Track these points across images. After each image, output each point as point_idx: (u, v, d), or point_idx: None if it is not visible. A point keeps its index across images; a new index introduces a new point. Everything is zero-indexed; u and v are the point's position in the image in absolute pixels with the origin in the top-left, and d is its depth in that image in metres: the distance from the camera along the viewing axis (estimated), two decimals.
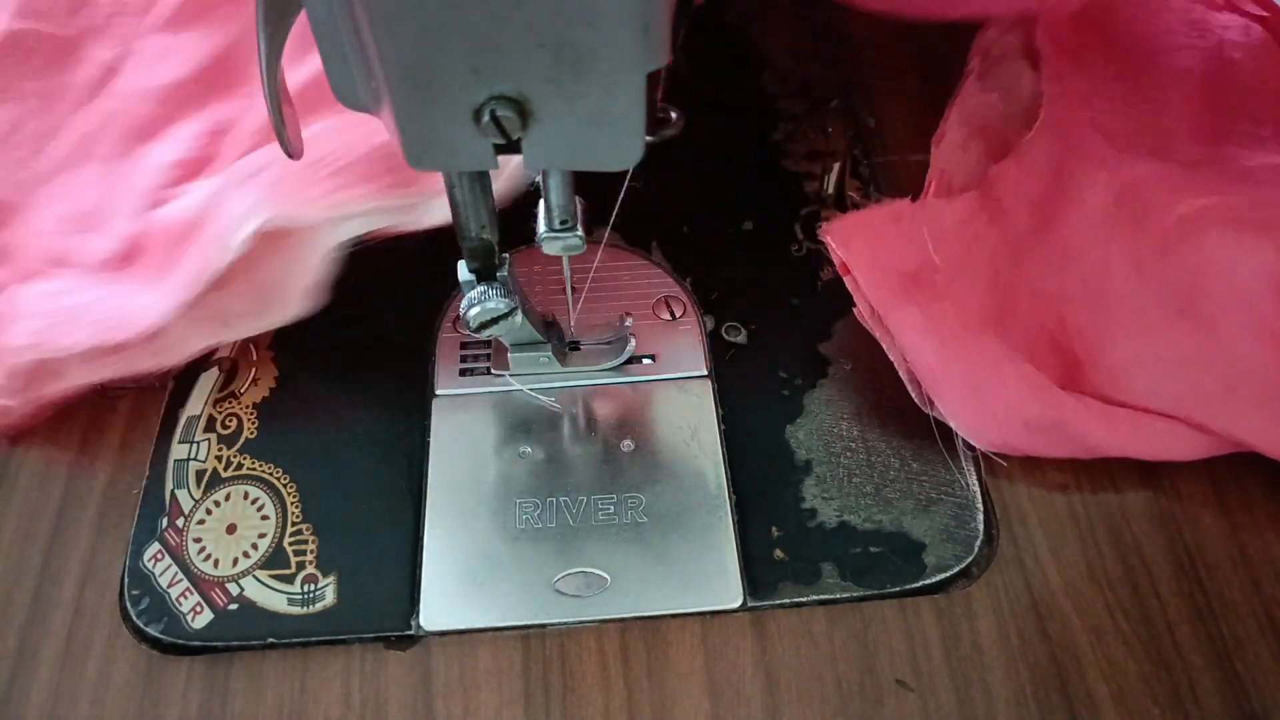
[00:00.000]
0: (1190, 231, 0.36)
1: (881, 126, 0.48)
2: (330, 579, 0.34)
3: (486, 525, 0.35)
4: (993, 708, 0.32)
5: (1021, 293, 0.38)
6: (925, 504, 0.35)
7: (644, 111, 0.23)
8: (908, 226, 0.39)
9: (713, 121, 0.48)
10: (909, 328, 0.36)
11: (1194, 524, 0.35)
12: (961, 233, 0.40)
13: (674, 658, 0.33)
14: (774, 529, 0.35)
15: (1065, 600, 0.34)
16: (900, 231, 0.39)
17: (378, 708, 0.32)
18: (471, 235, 0.30)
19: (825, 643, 0.33)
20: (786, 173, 0.46)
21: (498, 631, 0.33)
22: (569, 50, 0.21)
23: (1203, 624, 0.33)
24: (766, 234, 0.44)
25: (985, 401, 0.35)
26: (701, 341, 0.40)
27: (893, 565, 0.34)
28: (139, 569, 0.34)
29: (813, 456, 0.37)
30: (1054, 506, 0.36)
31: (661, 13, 0.21)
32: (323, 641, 0.33)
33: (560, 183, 0.29)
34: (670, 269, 0.42)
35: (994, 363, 0.35)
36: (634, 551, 0.34)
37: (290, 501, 0.36)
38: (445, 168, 0.27)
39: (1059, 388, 0.35)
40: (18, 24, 0.40)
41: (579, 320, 0.40)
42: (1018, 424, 0.35)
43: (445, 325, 0.40)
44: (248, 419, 0.38)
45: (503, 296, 0.32)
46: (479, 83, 0.22)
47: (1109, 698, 0.32)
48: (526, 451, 0.37)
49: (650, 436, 0.37)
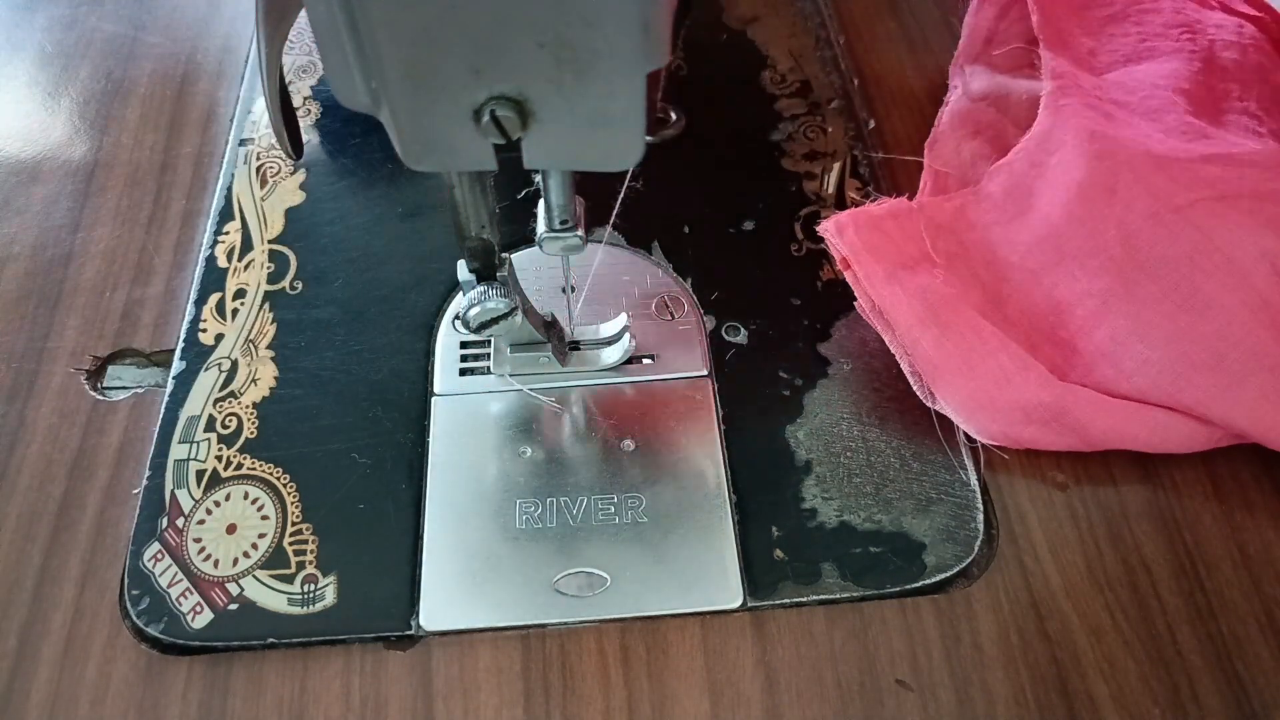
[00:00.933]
0: (1181, 210, 0.36)
1: (881, 126, 0.48)
2: (330, 579, 0.34)
3: (486, 525, 0.35)
4: (993, 708, 0.32)
5: (1017, 281, 0.39)
6: (925, 504, 0.35)
7: (644, 111, 0.23)
8: (905, 222, 0.39)
9: (713, 121, 0.48)
10: (908, 320, 0.36)
11: (1194, 524, 0.35)
12: (958, 228, 0.40)
13: (674, 658, 0.33)
14: (774, 529, 0.35)
15: (1065, 600, 0.34)
16: (898, 226, 0.39)
17: (378, 708, 0.32)
18: (471, 235, 0.30)
19: (825, 643, 0.33)
20: (786, 173, 0.46)
21: (498, 631, 0.33)
22: (569, 50, 0.21)
23: (1203, 624, 0.33)
24: (766, 234, 0.44)
25: (984, 392, 0.35)
26: (701, 341, 0.40)
27: (893, 565, 0.34)
28: (139, 569, 0.34)
29: (813, 456, 0.37)
30: (1054, 506, 0.36)
31: (661, 13, 0.21)
32: (323, 641, 0.33)
33: (560, 183, 0.29)
34: (670, 269, 0.42)
35: (992, 353, 0.36)
36: (634, 551, 0.34)
37: (290, 501, 0.36)
38: (445, 168, 0.27)
39: (1056, 377, 0.35)
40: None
41: (579, 320, 0.40)
42: (1017, 414, 0.35)
43: (445, 325, 0.41)
44: (248, 419, 0.38)
45: (503, 296, 0.32)
46: (479, 83, 0.22)
47: (1109, 698, 0.32)
48: (526, 451, 0.37)
49: (650, 436, 0.37)
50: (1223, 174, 0.37)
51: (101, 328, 0.41)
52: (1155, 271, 0.36)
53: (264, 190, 0.46)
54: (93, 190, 0.46)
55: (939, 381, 0.36)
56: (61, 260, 0.43)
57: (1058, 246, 0.38)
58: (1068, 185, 0.38)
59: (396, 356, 0.40)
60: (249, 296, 0.42)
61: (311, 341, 0.40)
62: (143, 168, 0.47)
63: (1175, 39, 0.45)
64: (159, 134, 0.49)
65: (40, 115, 0.50)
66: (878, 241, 0.38)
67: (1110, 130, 0.39)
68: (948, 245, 0.39)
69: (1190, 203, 0.36)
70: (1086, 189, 0.38)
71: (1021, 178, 0.39)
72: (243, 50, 0.53)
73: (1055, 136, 0.39)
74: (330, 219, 0.44)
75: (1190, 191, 0.36)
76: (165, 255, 0.44)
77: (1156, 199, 0.36)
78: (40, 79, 0.52)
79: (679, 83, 0.50)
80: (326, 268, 0.43)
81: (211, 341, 0.40)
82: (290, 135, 0.30)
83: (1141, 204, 0.36)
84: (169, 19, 0.55)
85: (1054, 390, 0.35)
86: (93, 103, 0.50)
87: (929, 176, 0.43)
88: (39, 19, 0.55)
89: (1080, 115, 0.40)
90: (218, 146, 0.48)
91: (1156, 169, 0.37)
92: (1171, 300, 0.35)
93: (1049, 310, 0.38)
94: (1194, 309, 0.35)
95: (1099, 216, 0.37)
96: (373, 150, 0.47)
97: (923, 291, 0.37)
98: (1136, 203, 0.37)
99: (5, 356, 0.40)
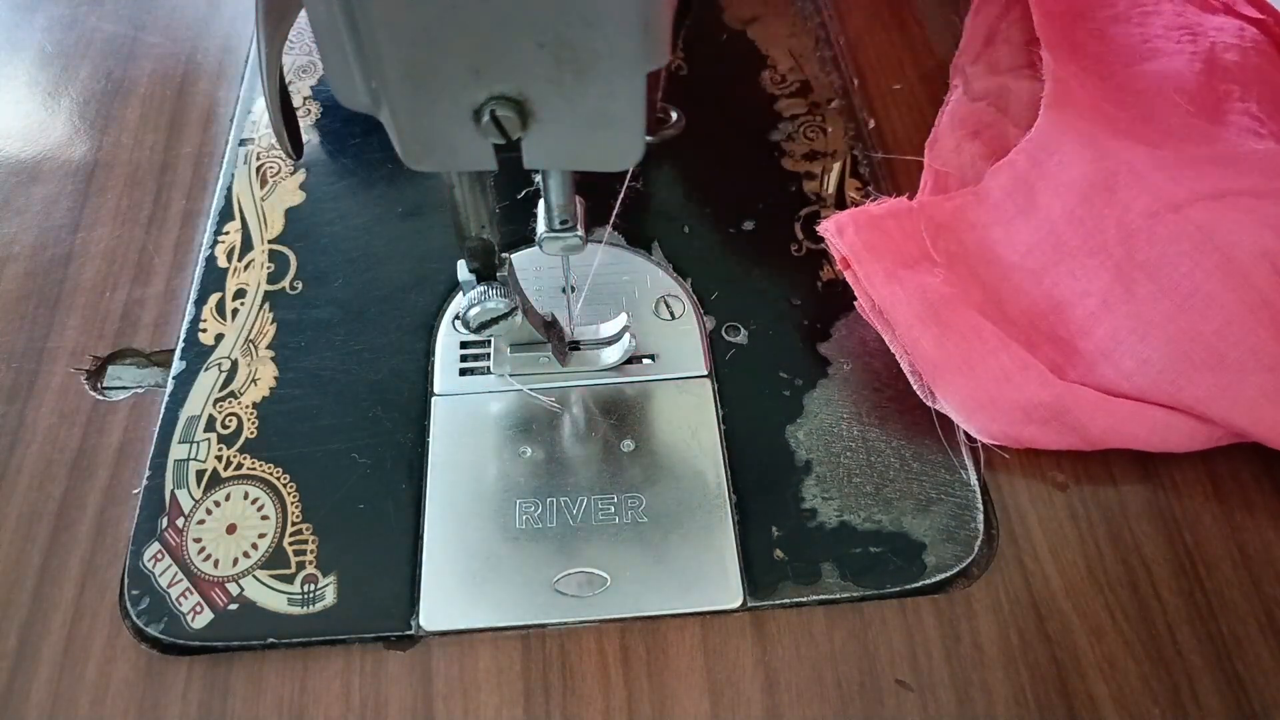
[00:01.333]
0: (1181, 209, 0.36)
1: (881, 127, 0.48)
2: (330, 579, 0.34)
3: (486, 525, 0.35)
4: (993, 708, 0.32)
5: (1017, 280, 0.39)
6: (925, 504, 0.35)
7: (644, 111, 0.23)
8: (905, 221, 0.39)
9: (713, 121, 0.48)
10: (908, 319, 0.36)
11: (1194, 524, 0.35)
12: (958, 227, 0.40)
13: (674, 658, 0.33)
14: (774, 529, 0.35)
15: (1065, 600, 0.34)
16: (898, 225, 0.39)
17: (378, 708, 0.32)
18: (471, 235, 0.30)
19: (825, 643, 0.33)
20: (786, 173, 0.46)
21: (498, 631, 0.33)
22: (569, 50, 0.21)
23: (1203, 624, 0.33)
24: (766, 234, 0.44)
25: (984, 391, 0.35)
26: (702, 341, 0.40)
27: (893, 565, 0.34)
28: (139, 569, 0.34)
29: (813, 456, 0.37)
30: (1054, 506, 0.36)
31: (661, 13, 0.21)
32: (323, 641, 0.33)
33: (560, 183, 0.29)
34: (670, 269, 0.42)
35: (992, 352, 0.36)
36: (634, 551, 0.34)
37: (290, 501, 0.36)
38: (445, 168, 0.27)
39: (1057, 377, 0.35)
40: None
41: (579, 320, 0.40)
42: (1017, 413, 0.35)
43: (445, 325, 0.41)
44: (248, 419, 0.38)
45: (503, 296, 0.32)
46: (479, 83, 0.22)
47: (1109, 698, 0.32)
48: (526, 451, 0.37)
49: (650, 436, 0.37)
50: (1223, 174, 0.37)
51: (101, 328, 0.41)
52: (1155, 271, 0.36)
53: (264, 190, 0.46)
54: (93, 190, 0.46)
55: (939, 381, 0.36)
56: (61, 260, 0.43)
57: (1058, 246, 0.38)
58: (1068, 185, 0.38)
59: (396, 356, 0.40)
60: (249, 296, 0.42)
61: (311, 341, 0.40)
62: (143, 168, 0.47)
63: (1176, 40, 0.45)
64: (159, 134, 0.49)
65: (40, 115, 0.50)
66: (878, 241, 0.38)
67: (1110, 130, 0.39)
68: (948, 244, 0.39)
69: (1190, 202, 0.36)
70: (1086, 189, 0.38)
71: (1022, 178, 0.39)
72: (243, 50, 0.53)
73: (1055, 137, 0.39)
74: (330, 219, 0.44)
75: (1190, 191, 0.36)
76: (165, 255, 0.44)
77: (1156, 198, 0.36)
78: (40, 79, 0.52)
79: (679, 83, 0.50)
80: (326, 268, 0.43)
81: (211, 341, 0.40)
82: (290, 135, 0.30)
83: (1141, 203, 0.36)
84: (169, 19, 0.55)
85: (1054, 389, 0.35)
86: (93, 103, 0.50)
87: (929, 176, 0.43)
88: (39, 19, 0.55)
89: (1081, 116, 0.40)
90: (218, 146, 0.48)
91: (1156, 168, 0.37)
92: (1171, 299, 0.35)
93: (1049, 309, 0.38)
94: (1194, 308, 0.35)
95: (1099, 216, 0.37)
96: (373, 150, 0.47)
97: (923, 291, 0.37)
98: (1136, 202, 0.37)
99: (5, 356, 0.40)
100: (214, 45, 0.53)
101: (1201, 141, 0.40)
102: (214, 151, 0.48)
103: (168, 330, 0.41)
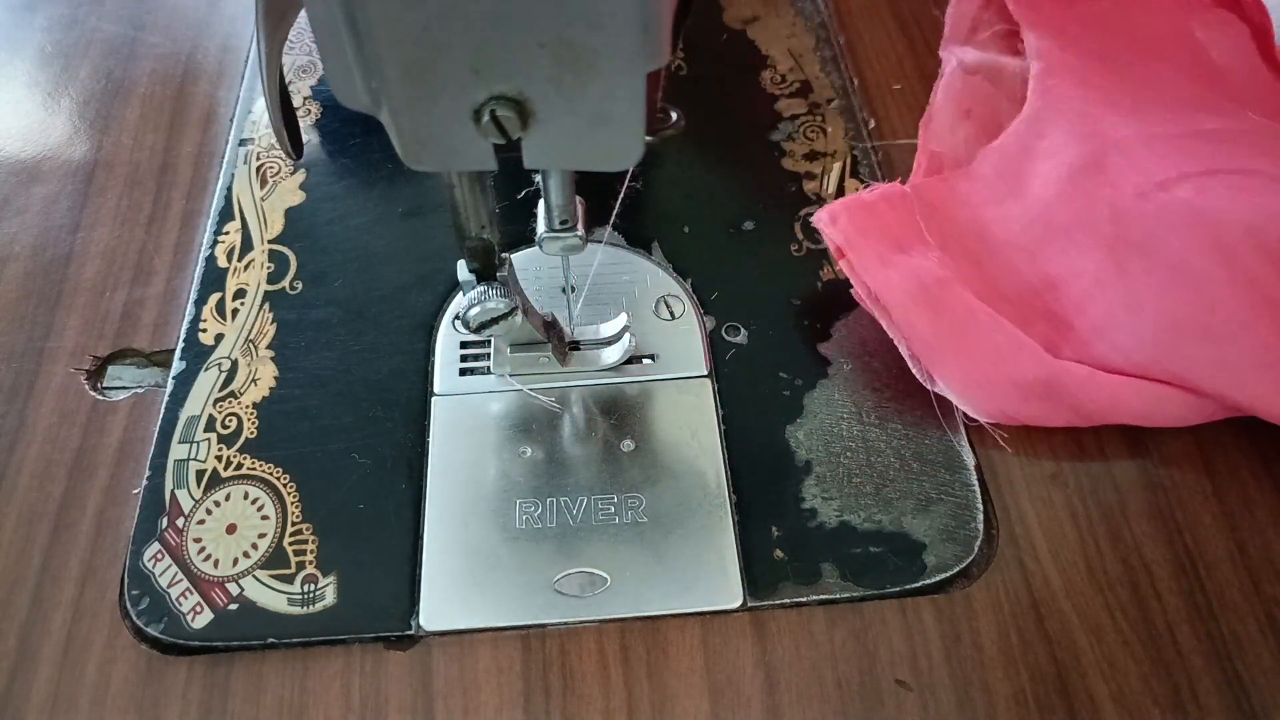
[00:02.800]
0: (1168, 187, 0.36)
1: (881, 126, 0.48)
2: (330, 579, 0.34)
3: (486, 525, 0.35)
4: (993, 708, 0.32)
5: (1010, 259, 0.39)
6: (925, 504, 0.35)
7: (644, 111, 0.23)
8: (898, 204, 0.39)
9: (713, 121, 0.48)
10: (902, 301, 0.36)
11: (1194, 524, 0.35)
12: (951, 208, 0.40)
13: (674, 658, 0.33)
14: (774, 529, 0.35)
15: (1065, 600, 0.34)
16: (891, 208, 0.39)
17: (378, 708, 0.32)
18: (471, 235, 0.30)
19: (825, 643, 0.33)
20: (786, 173, 0.46)
21: (498, 631, 0.33)
22: (569, 50, 0.21)
23: (1203, 624, 0.33)
24: (766, 234, 0.44)
25: (979, 370, 0.36)
26: (701, 341, 0.40)
27: (893, 565, 0.34)
28: (139, 569, 0.34)
29: (813, 456, 0.37)
30: (1054, 506, 0.36)
31: (661, 13, 0.21)
32: (323, 641, 0.33)
33: (560, 183, 0.29)
34: (670, 269, 0.42)
35: (986, 332, 0.36)
36: (634, 551, 0.34)
37: (290, 501, 0.36)
38: (445, 168, 0.27)
39: (1051, 354, 0.36)
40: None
41: (579, 320, 0.40)
42: (1012, 390, 0.35)
43: (445, 325, 0.41)
44: (248, 419, 0.38)
45: (503, 296, 0.32)
46: (479, 83, 0.22)
47: (1109, 698, 0.32)
48: (526, 451, 0.37)
49: (650, 436, 0.37)
50: (1211, 151, 0.37)
51: (101, 328, 0.41)
52: (1145, 248, 0.36)
53: (264, 190, 0.46)
54: (93, 190, 0.46)
55: (935, 362, 0.36)
56: (61, 260, 0.43)
57: (1050, 224, 0.38)
58: (1058, 164, 0.38)
59: (396, 356, 0.40)
60: (249, 296, 0.42)
61: (311, 341, 0.40)
62: (143, 168, 0.47)
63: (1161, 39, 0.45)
64: (159, 134, 0.49)
65: (40, 115, 0.50)
66: (871, 225, 0.38)
67: (1098, 108, 0.39)
68: (941, 225, 0.39)
69: (1177, 180, 0.36)
70: (1076, 167, 0.38)
71: (1013, 159, 0.40)
72: (243, 50, 0.53)
73: (1045, 117, 0.39)
74: (330, 219, 0.44)
75: (1177, 168, 0.37)
76: (165, 255, 0.44)
77: (1145, 176, 0.37)
78: (40, 79, 0.52)
79: (679, 83, 0.50)
80: (326, 268, 0.43)
81: (211, 341, 0.40)
82: (290, 135, 0.30)
83: (1130, 181, 0.37)
84: (169, 19, 0.55)
85: (1048, 367, 0.35)
86: (93, 103, 0.50)
87: (924, 157, 0.43)
88: (39, 19, 0.55)
89: (1069, 94, 0.40)
90: (218, 146, 0.48)
91: (1144, 146, 0.38)
92: (1160, 276, 0.36)
93: (1043, 287, 0.38)
94: (1183, 284, 0.35)
95: (1089, 194, 0.37)
96: (373, 150, 0.47)
97: (916, 273, 0.37)
98: (1124, 180, 0.37)
99: (5, 356, 0.40)
100: (214, 45, 0.53)
101: (1188, 116, 0.40)
102: (214, 151, 0.48)
103: (168, 330, 0.41)
